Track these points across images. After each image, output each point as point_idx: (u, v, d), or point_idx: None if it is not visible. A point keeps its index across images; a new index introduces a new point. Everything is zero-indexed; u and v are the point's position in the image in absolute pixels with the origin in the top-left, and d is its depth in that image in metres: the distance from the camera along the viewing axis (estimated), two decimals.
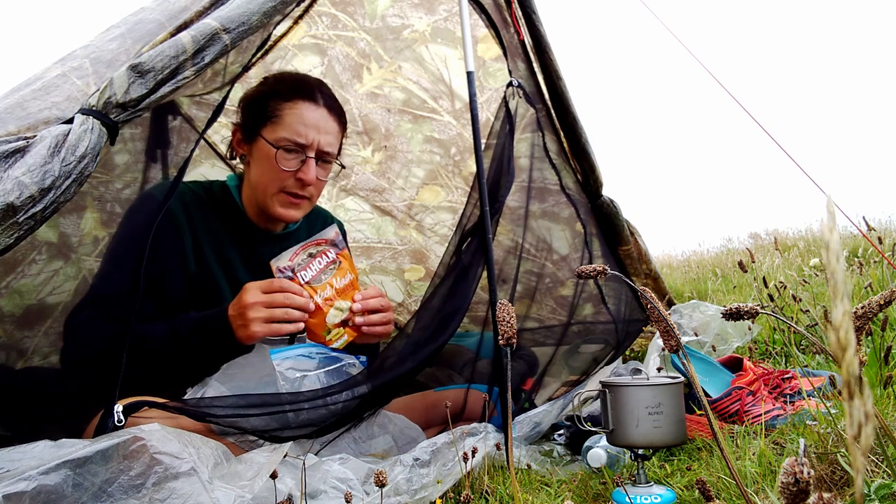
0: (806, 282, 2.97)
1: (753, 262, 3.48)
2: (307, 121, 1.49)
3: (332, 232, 1.54)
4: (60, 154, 0.94)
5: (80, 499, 0.87)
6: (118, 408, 1.08)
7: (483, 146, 1.58)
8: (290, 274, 1.45)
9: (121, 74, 1.01)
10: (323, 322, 1.45)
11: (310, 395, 1.29)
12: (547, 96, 1.95)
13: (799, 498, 0.39)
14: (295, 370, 1.41)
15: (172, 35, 1.09)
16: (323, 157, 1.54)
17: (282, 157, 1.47)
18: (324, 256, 1.51)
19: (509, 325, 0.80)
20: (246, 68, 2.00)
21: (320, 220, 1.81)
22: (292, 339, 1.49)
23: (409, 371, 1.43)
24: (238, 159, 1.63)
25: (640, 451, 1.11)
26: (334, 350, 1.50)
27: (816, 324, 2.04)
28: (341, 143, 1.63)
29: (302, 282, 1.45)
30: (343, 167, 1.66)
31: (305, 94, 1.52)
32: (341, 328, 1.48)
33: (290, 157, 1.49)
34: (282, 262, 1.46)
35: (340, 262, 1.53)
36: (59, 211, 0.96)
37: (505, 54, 1.86)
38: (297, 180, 1.50)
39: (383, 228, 2.68)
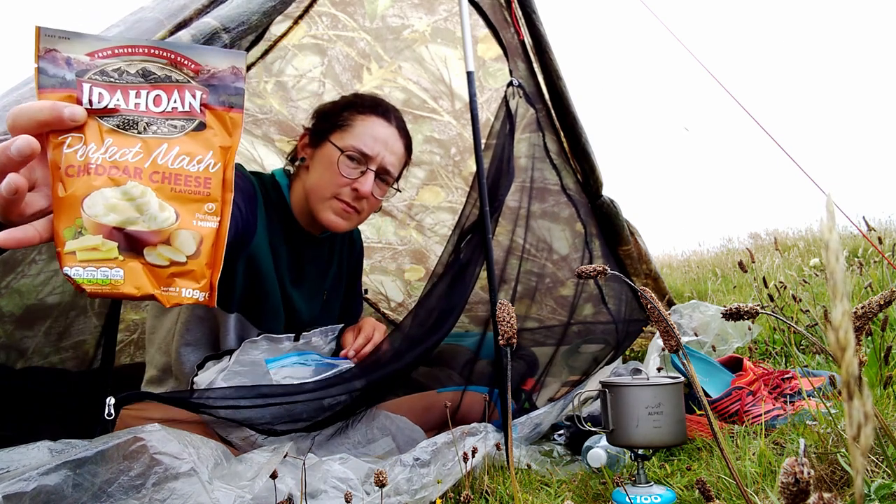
0: (806, 282, 2.97)
1: (753, 262, 3.48)
2: (377, 134, 1.52)
3: (223, 61, 0.76)
4: None
5: (79, 499, 0.87)
6: (110, 400, 1.08)
7: (483, 146, 1.58)
8: (66, 75, 0.69)
9: None
10: (76, 206, 0.67)
11: (304, 387, 1.29)
12: (547, 96, 1.95)
13: (799, 498, 0.39)
14: (291, 378, 1.41)
15: (171, 33, 1.09)
16: (382, 175, 1.55)
17: (344, 162, 1.48)
18: (174, 97, 0.73)
19: (509, 325, 0.80)
20: (246, 68, 2.00)
21: (348, 233, 1.80)
22: (297, 336, 1.50)
23: (404, 366, 1.43)
24: (297, 162, 1.61)
25: (640, 451, 1.11)
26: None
27: (816, 324, 2.03)
28: (402, 171, 1.65)
29: (85, 102, 0.69)
30: (399, 191, 1.67)
31: (380, 112, 1.56)
32: (113, 245, 0.68)
33: (351, 165, 1.49)
34: (72, 47, 0.69)
35: (204, 125, 0.74)
36: None
37: (505, 54, 1.86)
38: (353, 190, 1.50)
39: (383, 228, 2.68)
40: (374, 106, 1.56)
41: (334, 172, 1.48)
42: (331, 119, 1.54)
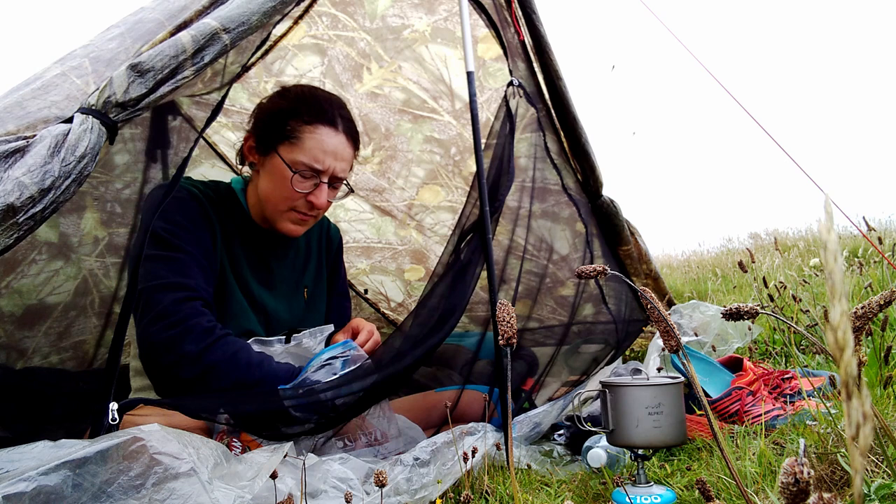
0: (806, 282, 2.97)
1: (753, 262, 3.48)
2: (326, 147, 1.51)
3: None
4: (60, 154, 0.94)
5: (79, 499, 0.87)
6: (113, 406, 1.08)
7: (483, 146, 1.58)
8: None
9: (120, 74, 1.01)
10: None
11: (305, 390, 1.29)
12: (547, 96, 1.94)
13: (799, 498, 0.39)
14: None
15: (172, 34, 1.09)
16: (334, 183, 1.58)
17: (297, 180, 1.50)
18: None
19: (509, 325, 0.80)
20: (245, 68, 2.00)
21: (316, 224, 1.82)
22: (288, 338, 1.50)
23: (406, 367, 1.43)
24: (247, 166, 1.63)
25: (640, 451, 1.11)
26: None
27: (816, 324, 2.03)
28: (352, 165, 1.65)
29: None
30: (352, 191, 1.68)
31: (327, 119, 1.53)
32: None
33: (304, 181, 1.51)
34: None
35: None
36: (58, 211, 0.96)
37: (505, 54, 1.86)
38: (308, 202, 1.53)
39: (383, 228, 2.68)
40: (319, 113, 1.52)
41: (287, 187, 1.50)
42: (276, 128, 1.51)
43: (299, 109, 1.52)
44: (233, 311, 1.52)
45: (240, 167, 1.67)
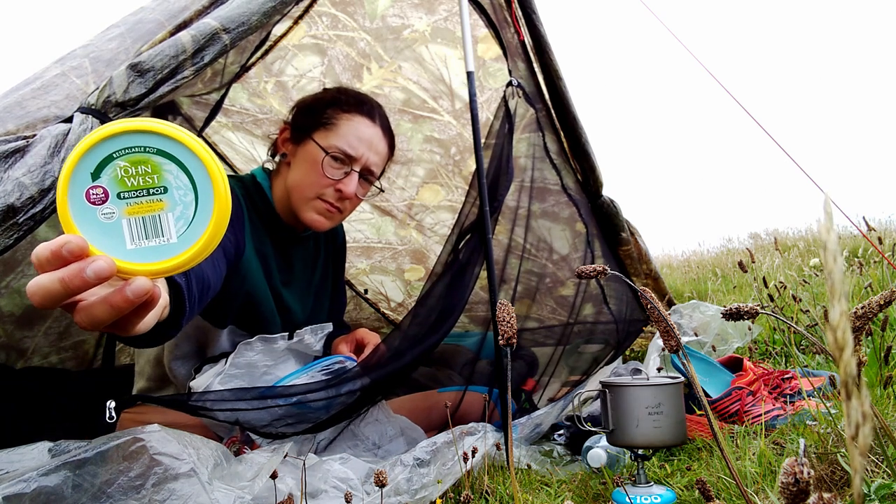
0: (806, 282, 2.97)
1: (753, 262, 3.48)
2: (361, 135, 1.50)
3: None
4: (60, 154, 0.94)
5: (79, 500, 0.87)
6: (110, 404, 1.08)
7: (483, 146, 1.58)
8: None
9: (120, 73, 1.01)
10: None
11: (305, 388, 1.29)
12: (547, 96, 1.94)
13: (799, 498, 0.39)
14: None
15: (172, 34, 1.09)
16: (366, 175, 1.55)
17: (328, 163, 1.47)
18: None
19: (509, 325, 0.80)
20: (245, 68, 2.00)
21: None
22: (291, 335, 1.50)
23: (405, 366, 1.43)
24: (277, 157, 1.61)
25: (640, 451, 1.11)
26: None
27: (816, 324, 2.03)
28: (385, 168, 1.63)
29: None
30: (382, 190, 1.66)
31: (365, 111, 1.53)
32: None
33: (336, 166, 1.49)
34: None
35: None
36: None
37: (505, 54, 1.86)
38: (337, 191, 1.49)
39: (383, 228, 2.68)
40: (358, 104, 1.54)
41: (318, 173, 1.47)
42: (314, 116, 1.51)
43: (338, 99, 1.53)
44: (263, 316, 1.50)
45: (267, 165, 1.63)
